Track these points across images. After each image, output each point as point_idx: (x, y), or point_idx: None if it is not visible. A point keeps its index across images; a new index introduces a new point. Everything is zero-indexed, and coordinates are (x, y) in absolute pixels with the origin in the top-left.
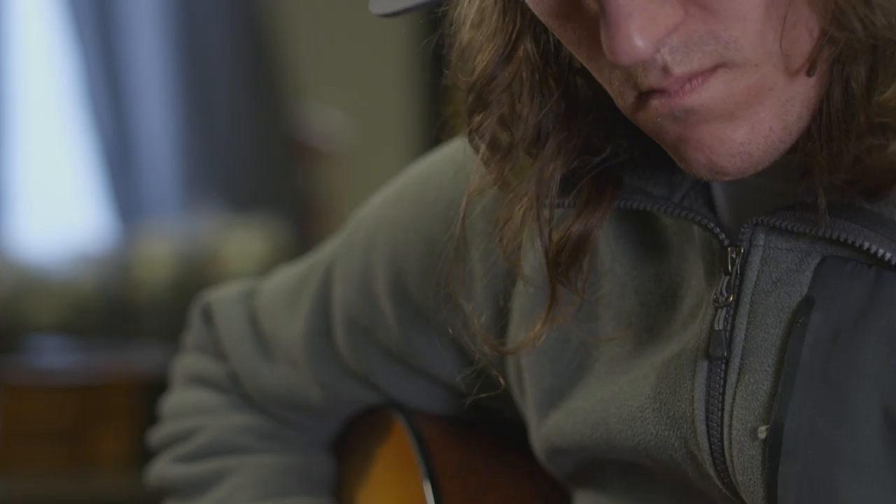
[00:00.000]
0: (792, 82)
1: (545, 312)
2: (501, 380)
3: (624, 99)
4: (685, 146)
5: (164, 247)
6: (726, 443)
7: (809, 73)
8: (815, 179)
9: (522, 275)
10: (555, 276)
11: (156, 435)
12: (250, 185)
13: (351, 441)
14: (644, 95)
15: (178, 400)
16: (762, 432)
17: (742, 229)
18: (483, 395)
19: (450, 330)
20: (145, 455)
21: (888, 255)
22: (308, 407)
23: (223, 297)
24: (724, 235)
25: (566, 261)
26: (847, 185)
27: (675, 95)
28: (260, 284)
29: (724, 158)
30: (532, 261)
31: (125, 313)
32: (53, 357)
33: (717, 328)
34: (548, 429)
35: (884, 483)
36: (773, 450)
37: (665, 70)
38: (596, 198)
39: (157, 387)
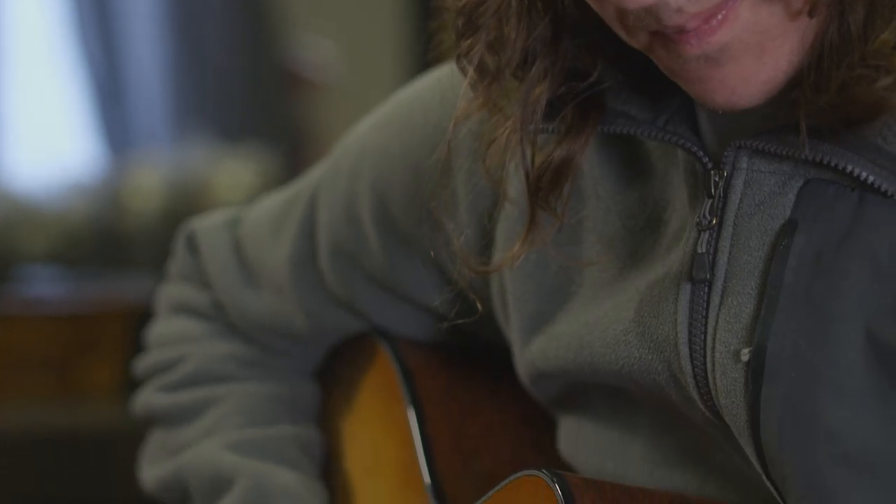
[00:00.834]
0: (793, 22)
1: (524, 234)
2: (481, 304)
3: (637, 40)
4: (706, 85)
5: (154, 177)
6: (709, 366)
7: (811, 15)
8: (799, 102)
9: (507, 196)
10: (535, 200)
11: (141, 364)
12: (241, 116)
13: (336, 369)
14: (658, 35)
15: (163, 329)
16: (745, 355)
17: (725, 152)
18: (464, 320)
19: (433, 254)
20: (136, 384)
21: (871, 178)
22: (293, 335)
23: (207, 225)
24: (707, 159)
25: (547, 185)
26: (830, 109)
27: (704, 34)
28: (245, 212)
29: (744, 98)
30: (517, 184)
31: (116, 243)
32: (44, 286)
33: (699, 251)
34: (532, 353)
35: (866, 405)
36: (755, 372)
37: (679, 11)
38: (580, 123)
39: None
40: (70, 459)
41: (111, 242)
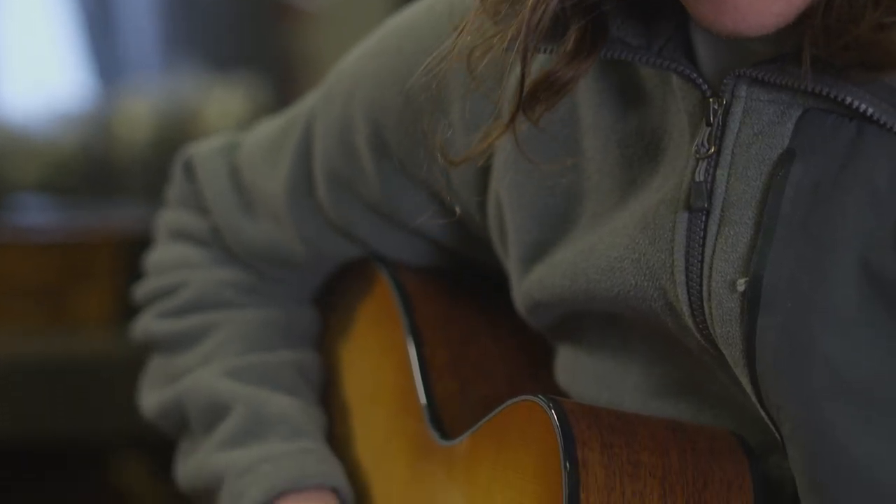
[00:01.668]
0: None
1: (501, 128)
2: (478, 232)
3: None
4: (718, 7)
5: (144, 105)
6: (705, 295)
7: None
8: (802, 33)
9: (502, 109)
10: (524, 105)
11: (140, 290)
12: (231, 44)
13: (334, 295)
14: None
15: (162, 255)
16: (741, 285)
17: (724, 80)
18: (464, 248)
19: (428, 181)
20: (127, 313)
21: (870, 111)
22: (290, 262)
23: (205, 150)
24: (706, 86)
25: (540, 99)
26: (841, 50)
27: None
28: (241, 138)
29: (753, 27)
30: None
31: (106, 172)
32: (35, 215)
33: (697, 179)
34: (530, 283)
35: (862, 336)
36: (751, 302)
37: None
38: (582, 46)
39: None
40: (61, 387)
41: (102, 171)
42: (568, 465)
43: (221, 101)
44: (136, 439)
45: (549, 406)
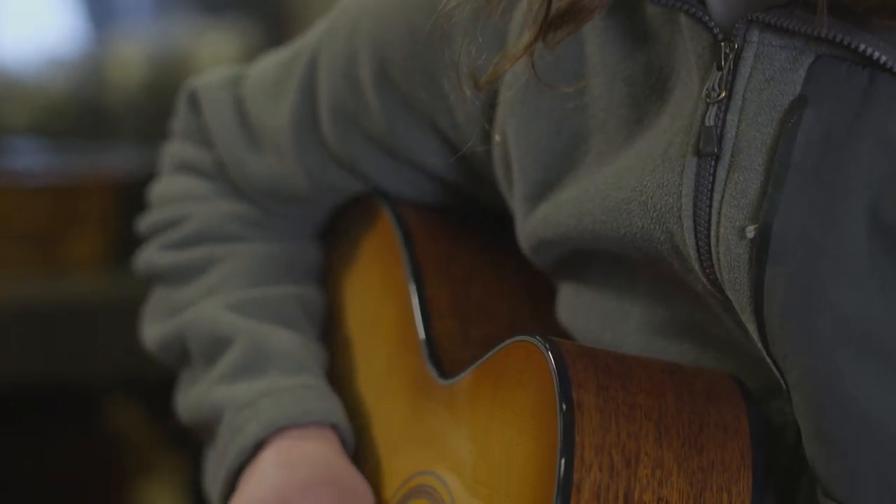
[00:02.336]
0: None
1: (518, 53)
2: (483, 170)
3: None
4: None
5: (136, 49)
6: (713, 240)
7: None
8: None
9: (511, 44)
10: (547, 27)
11: (144, 222)
12: None
13: (337, 230)
14: None
15: (166, 187)
16: (750, 232)
17: (737, 25)
18: (467, 186)
19: (433, 118)
20: (118, 256)
21: (884, 59)
22: (294, 197)
23: (209, 83)
24: (717, 29)
25: (564, 23)
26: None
27: None
28: (246, 70)
29: None
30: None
31: (98, 115)
32: (27, 159)
33: (707, 124)
34: (535, 221)
35: (872, 286)
36: (760, 250)
37: None
38: None
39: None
40: (53, 331)
41: (94, 115)
42: (563, 406)
43: (214, 44)
44: (130, 383)
45: (545, 347)
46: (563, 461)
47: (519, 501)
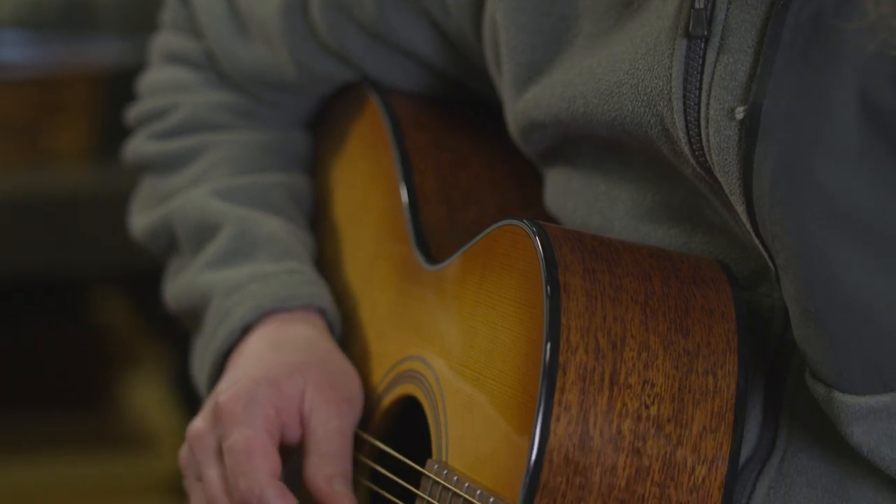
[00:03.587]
0: None
1: None
2: (472, 55)
3: None
4: None
5: None
6: (703, 122)
7: None
8: None
9: None
10: None
11: (132, 112)
12: None
13: (327, 119)
14: None
15: (155, 77)
16: (739, 113)
17: None
18: (457, 72)
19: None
20: (104, 148)
21: None
22: (283, 85)
23: None
24: None
25: None
26: None
27: None
28: None
29: None
30: None
31: (83, 7)
32: (11, 51)
33: (697, 7)
34: (525, 103)
35: (859, 167)
36: (749, 131)
37: None
38: None
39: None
40: (37, 223)
41: (78, 6)
42: (549, 289)
43: None
44: (116, 274)
45: (532, 230)
46: (548, 344)
47: (506, 384)
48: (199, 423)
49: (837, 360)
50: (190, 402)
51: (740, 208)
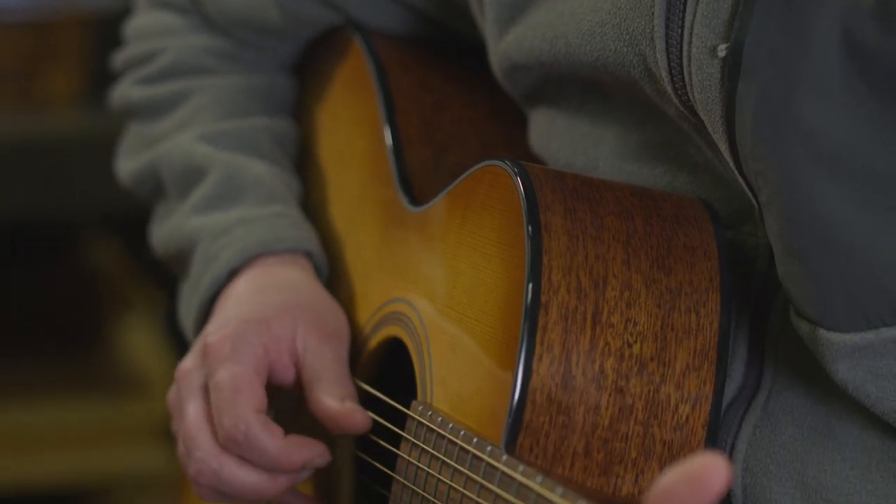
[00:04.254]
0: None
1: None
2: None
3: None
4: None
5: None
6: (685, 61)
7: None
8: None
9: None
10: None
11: (119, 57)
12: None
13: (311, 63)
14: None
15: (142, 22)
16: (722, 51)
17: None
18: (440, 14)
19: None
20: (95, 92)
21: None
22: (268, 28)
23: None
24: None
25: None
26: None
27: None
28: None
29: None
30: None
31: None
32: None
33: None
34: (507, 44)
35: (841, 105)
36: (732, 69)
37: None
38: None
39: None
40: (29, 167)
41: None
42: (530, 228)
43: None
44: (106, 218)
45: (513, 170)
46: (530, 284)
47: (488, 324)
48: (187, 362)
49: (821, 297)
50: (182, 345)
51: (723, 146)
